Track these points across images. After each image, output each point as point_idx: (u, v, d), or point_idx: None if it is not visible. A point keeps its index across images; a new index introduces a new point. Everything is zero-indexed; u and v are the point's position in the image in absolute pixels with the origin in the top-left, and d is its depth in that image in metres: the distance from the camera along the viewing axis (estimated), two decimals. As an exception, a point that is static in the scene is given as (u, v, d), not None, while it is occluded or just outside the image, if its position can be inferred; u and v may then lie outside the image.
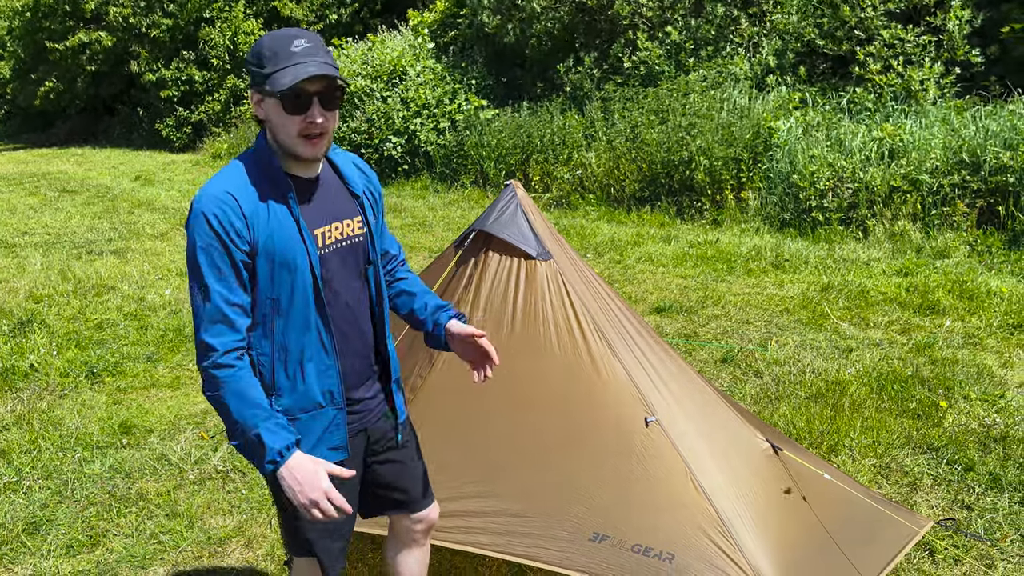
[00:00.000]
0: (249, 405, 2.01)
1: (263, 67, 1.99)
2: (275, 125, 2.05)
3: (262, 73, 2.00)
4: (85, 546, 3.61)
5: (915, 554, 3.34)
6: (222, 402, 2.01)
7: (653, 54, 12.08)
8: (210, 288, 2.00)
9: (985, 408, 4.63)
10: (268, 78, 1.98)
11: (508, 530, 2.85)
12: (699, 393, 3.24)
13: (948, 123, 8.91)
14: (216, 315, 2.00)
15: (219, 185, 2.03)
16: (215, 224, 1.99)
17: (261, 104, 2.05)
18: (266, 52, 1.99)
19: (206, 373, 2.01)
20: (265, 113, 2.05)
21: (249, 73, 2.05)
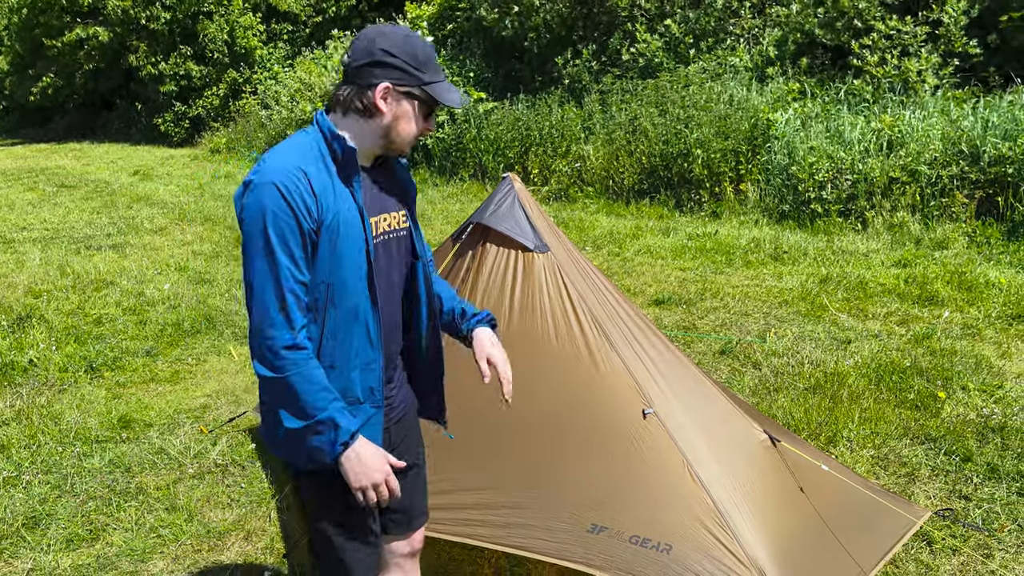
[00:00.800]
0: (320, 388, 1.95)
1: (421, 70, 2.02)
2: (399, 123, 2.05)
3: (419, 76, 2.02)
4: (85, 540, 3.62)
5: (913, 544, 3.35)
6: (289, 383, 1.93)
7: (652, 46, 12.05)
8: (280, 263, 1.91)
9: (983, 398, 4.64)
10: (427, 84, 2.03)
11: (506, 522, 2.86)
12: (697, 385, 3.25)
13: (947, 114, 8.90)
14: (287, 292, 1.92)
15: (288, 159, 1.95)
16: (288, 195, 1.91)
17: (392, 99, 2.03)
18: (420, 56, 2.02)
19: (275, 353, 1.92)
20: (393, 107, 2.03)
21: (389, 66, 2.00)
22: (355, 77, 2.02)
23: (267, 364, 1.93)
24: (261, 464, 4.26)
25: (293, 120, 16.65)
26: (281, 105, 17.53)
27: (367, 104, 2.02)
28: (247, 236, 1.93)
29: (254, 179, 1.93)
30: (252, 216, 1.92)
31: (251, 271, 1.93)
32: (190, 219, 11.21)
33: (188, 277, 8.00)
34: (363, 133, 2.06)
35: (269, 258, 1.91)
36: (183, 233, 10.29)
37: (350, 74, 2.04)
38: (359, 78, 2.02)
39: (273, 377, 1.94)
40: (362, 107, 2.03)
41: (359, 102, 2.03)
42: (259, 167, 1.95)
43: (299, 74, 17.90)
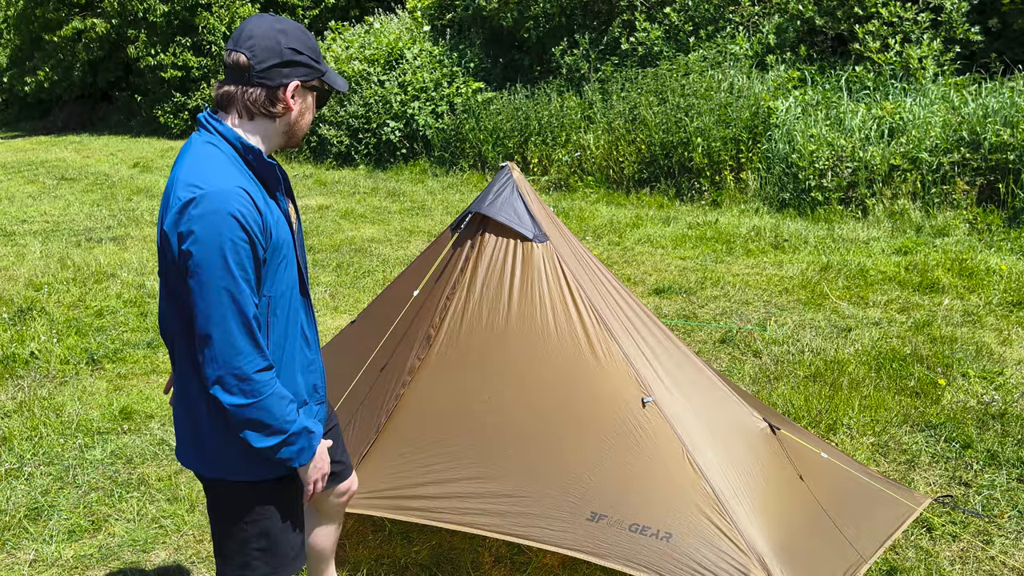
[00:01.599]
0: (288, 402, 1.98)
1: (319, 63, 2.04)
2: (302, 117, 2.06)
3: (319, 68, 2.04)
4: (87, 531, 3.63)
5: (913, 531, 3.36)
6: (264, 407, 1.92)
7: (652, 35, 12.01)
8: (243, 291, 1.87)
9: (984, 385, 4.64)
10: (324, 75, 2.05)
11: (506, 510, 2.86)
12: (696, 373, 3.25)
13: (948, 101, 8.87)
14: (251, 319, 1.89)
15: (228, 180, 1.88)
16: (245, 223, 1.85)
17: (299, 95, 2.02)
18: (316, 48, 2.04)
19: (247, 379, 1.88)
20: (299, 103, 2.03)
21: (297, 64, 1.98)
22: (263, 78, 1.96)
23: (238, 393, 1.89)
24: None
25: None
26: (280, 96, 17.47)
27: (278, 106, 2.00)
28: (200, 264, 1.83)
29: (203, 206, 1.82)
30: (208, 246, 1.82)
31: (208, 301, 1.85)
32: (190, 211, 11.19)
33: (188, 269, 7.99)
34: (269, 134, 2.04)
35: (231, 287, 1.85)
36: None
37: (255, 75, 1.95)
38: (268, 79, 1.96)
39: (246, 403, 1.90)
40: (270, 109, 1.99)
41: (269, 104, 1.99)
42: (201, 190, 1.84)
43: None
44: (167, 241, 1.88)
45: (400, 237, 9.13)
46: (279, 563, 2.20)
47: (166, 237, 1.88)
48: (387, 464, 3.03)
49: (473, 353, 3.05)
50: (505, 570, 3.25)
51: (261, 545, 2.16)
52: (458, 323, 3.09)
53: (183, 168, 1.92)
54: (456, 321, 3.10)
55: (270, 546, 2.17)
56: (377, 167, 14.54)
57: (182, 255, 1.84)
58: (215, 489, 2.15)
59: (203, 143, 1.96)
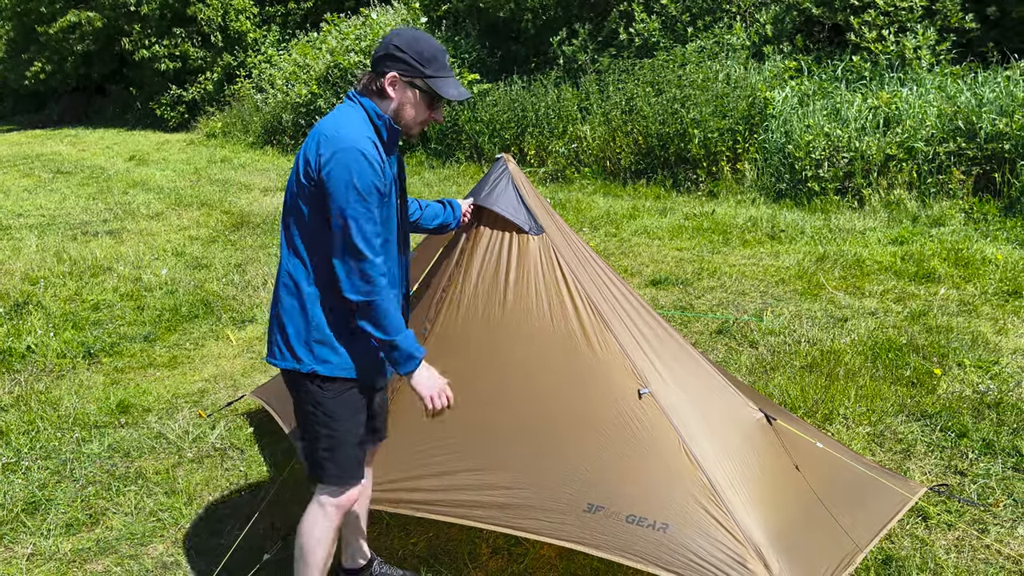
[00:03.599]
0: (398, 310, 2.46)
1: (424, 65, 2.43)
2: (404, 108, 2.48)
3: (422, 70, 2.43)
4: (84, 524, 3.64)
5: (908, 520, 3.37)
6: (382, 305, 2.39)
7: (650, 26, 11.98)
8: (372, 211, 2.35)
9: (979, 375, 4.65)
10: (430, 79, 2.45)
11: (503, 502, 2.87)
12: (692, 364, 3.25)
13: (944, 90, 8.87)
14: (374, 235, 2.37)
15: (359, 130, 2.38)
16: (370, 159, 2.33)
17: (399, 87, 2.46)
18: (426, 53, 2.43)
19: (371, 280, 2.36)
20: (399, 95, 2.47)
21: (397, 59, 2.42)
22: (374, 65, 2.48)
23: (364, 292, 2.37)
24: (259, 447, 4.27)
25: (288, 103, 16.56)
26: (276, 88, 17.43)
27: (379, 87, 2.47)
28: (338, 185, 2.31)
29: (338, 145, 2.32)
30: (342, 174, 2.31)
31: (344, 217, 2.32)
32: (186, 204, 11.18)
33: (185, 262, 7.99)
34: (385, 111, 2.49)
35: (362, 207, 2.32)
36: (180, 218, 10.26)
37: (372, 63, 2.49)
38: (376, 66, 2.47)
39: (368, 301, 2.37)
40: (376, 90, 2.47)
41: (374, 85, 2.47)
42: (336, 135, 2.35)
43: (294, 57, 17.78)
44: (306, 172, 2.37)
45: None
46: (342, 468, 2.60)
47: (306, 168, 2.37)
48: (385, 457, 3.04)
49: (469, 345, 3.05)
50: (502, 562, 3.26)
51: (327, 445, 2.57)
52: (454, 315, 3.09)
53: (328, 120, 2.43)
54: (452, 313, 3.10)
55: (334, 446, 2.57)
56: (373, 159, 14.49)
57: (319, 181, 2.34)
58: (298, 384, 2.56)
59: (345, 106, 2.50)
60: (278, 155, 16.08)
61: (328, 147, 2.34)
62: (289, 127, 16.43)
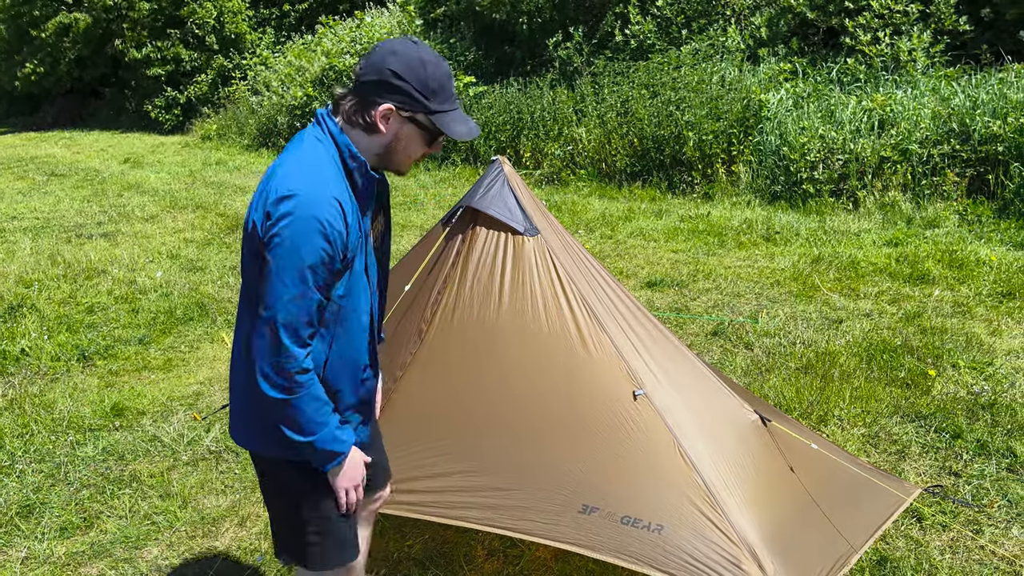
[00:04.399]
0: (323, 404, 2.03)
1: (428, 98, 1.97)
2: (397, 145, 2.04)
3: (425, 104, 1.98)
4: (79, 528, 3.63)
5: (903, 521, 3.38)
6: (298, 405, 1.97)
7: (645, 28, 11.99)
8: (312, 296, 1.92)
9: (973, 376, 4.66)
10: (434, 114, 1.99)
11: (498, 504, 2.87)
12: (687, 366, 3.26)
13: (938, 92, 8.89)
14: (307, 320, 1.94)
15: (324, 188, 1.92)
16: (329, 234, 1.89)
17: (395, 120, 2.00)
18: (431, 84, 1.97)
19: (289, 377, 1.94)
20: (393, 130, 2.01)
21: (395, 88, 1.96)
22: (360, 91, 1.99)
23: (279, 388, 1.95)
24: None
25: (283, 106, 16.55)
26: (272, 91, 17.42)
27: (368, 121, 2.00)
28: (279, 260, 1.88)
29: (294, 208, 1.87)
30: (291, 246, 1.87)
31: (275, 296, 1.90)
32: (181, 207, 11.16)
33: (180, 265, 7.98)
34: (363, 146, 2.04)
35: (300, 288, 1.90)
36: (175, 221, 10.25)
37: (357, 87, 2.00)
38: (364, 93, 1.98)
39: (281, 399, 1.96)
40: (363, 123, 2.00)
41: (361, 118, 2.00)
42: (295, 190, 1.88)
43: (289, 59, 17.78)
44: (254, 225, 1.93)
45: (392, 231, 9.11)
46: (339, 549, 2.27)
47: (254, 222, 1.93)
48: (379, 459, 3.03)
49: (464, 347, 3.05)
50: (498, 563, 3.25)
51: (316, 529, 2.21)
52: (449, 317, 3.09)
53: (287, 162, 1.96)
54: (447, 315, 3.10)
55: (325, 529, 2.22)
56: (369, 162, 14.50)
57: (263, 243, 1.90)
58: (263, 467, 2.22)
59: (313, 139, 2.01)
60: (273, 157, 16.04)
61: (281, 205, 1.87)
62: (284, 129, 16.42)
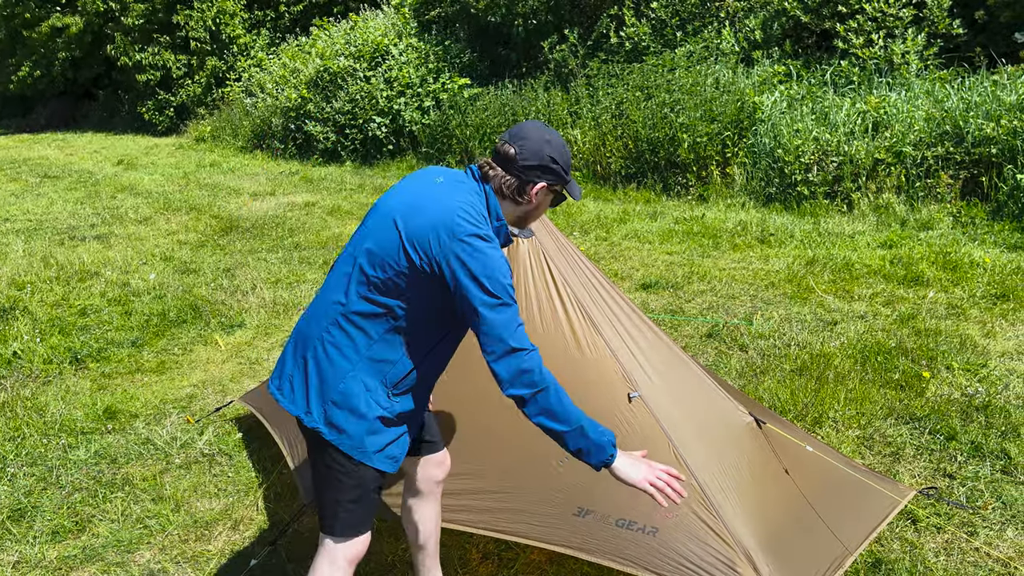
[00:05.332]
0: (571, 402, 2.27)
1: (567, 174, 2.42)
2: (537, 210, 2.45)
3: (566, 179, 2.42)
4: (71, 532, 3.60)
5: (898, 523, 3.37)
6: (566, 405, 2.23)
7: (640, 30, 12.01)
8: (515, 307, 2.23)
9: (967, 378, 4.67)
10: (568, 184, 2.45)
11: (493, 507, 2.86)
12: (682, 368, 3.25)
13: (932, 95, 8.91)
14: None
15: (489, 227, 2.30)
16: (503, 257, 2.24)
17: (542, 193, 2.40)
18: (568, 160, 2.42)
19: (543, 376, 2.21)
20: (541, 200, 2.42)
21: (551, 171, 2.37)
22: (521, 173, 2.35)
23: (541, 388, 2.21)
24: (248, 453, 4.25)
25: (278, 108, 16.52)
26: (266, 93, 17.40)
27: (524, 197, 2.38)
28: (491, 274, 2.18)
29: (478, 228, 2.21)
30: (494, 258, 2.19)
31: (498, 306, 2.18)
32: (175, 209, 11.13)
33: (173, 267, 7.95)
34: (507, 212, 2.43)
35: (512, 295, 2.21)
36: (168, 223, 10.22)
37: (517, 168, 2.34)
38: (525, 175, 2.35)
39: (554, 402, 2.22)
40: (518, 198, 2.38)
41: (517, 195, 2.38)
42: (476, 223, 2.22)
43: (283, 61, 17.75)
44: (427, 249, 2.21)
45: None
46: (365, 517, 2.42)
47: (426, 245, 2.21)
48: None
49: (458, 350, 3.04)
50: (492, 567, 3.24)
51: (354, 496, 2.37)
52: (443, 319, 3.08)
53: (461, 203, 2.26)
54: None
55: (362, 496, 2.38)
56: (363, 163, 14.49)
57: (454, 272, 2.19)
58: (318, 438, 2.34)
59: (472, 191, 2.35)
60: (267, 159, 16.04)
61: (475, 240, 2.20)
62: (279, 131, 16.39)
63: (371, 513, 2.44)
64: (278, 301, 6.73)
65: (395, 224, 2.27)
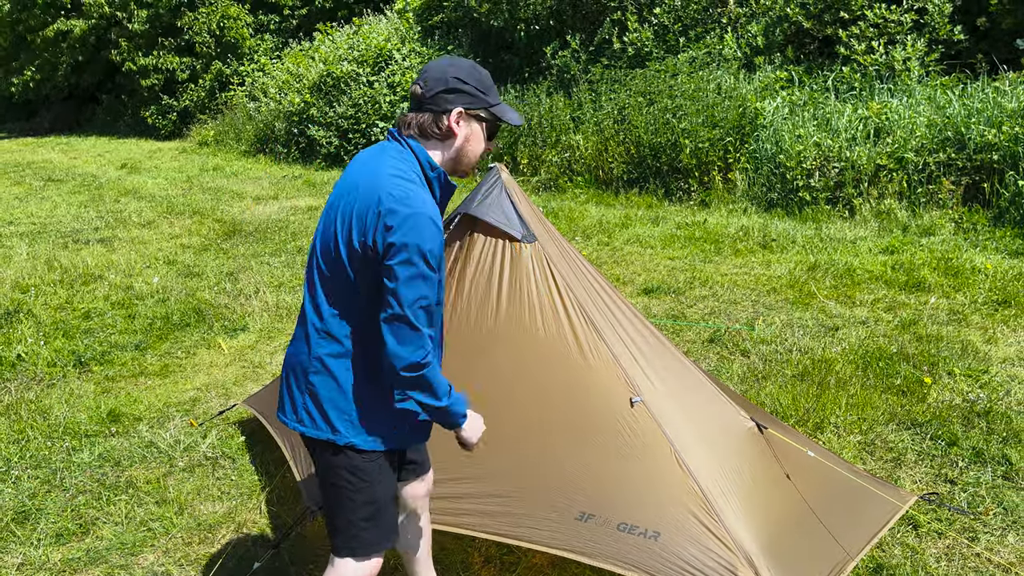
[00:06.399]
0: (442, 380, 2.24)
1: (486, 93, 2.26)
2: (469, 145, 2.28)
3: (486, 99, 2.26)
4: (75, 534, 3.62)
5: (899, 529, 3.38)
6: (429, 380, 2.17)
7: (643, 36, 12.04)
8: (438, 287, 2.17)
9: (969, 383, 4.68)
10: (494, 106, 2.28)
11: (495, 511, 2.87)
12: (684, 373, 3.26)
13: (933, 101, 8.93)
14: (436, 301, 2.17)
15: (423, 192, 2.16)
16: (439, 228, 2.12)
17: (464, 121, 2.25)
18: (486, 81, 2.27)
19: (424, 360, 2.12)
20: (464, 131, 2.26)
21: (461, 92, 2.22)
22: (431, 104, 2.22)
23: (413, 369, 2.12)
24: (251, 457, 4.26)
25: (281, 112, 16.56)
26: (269, 97, 17.44)
27: (444, 128, 2.23)
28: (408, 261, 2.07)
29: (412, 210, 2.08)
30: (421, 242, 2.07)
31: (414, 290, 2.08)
32: (178, 212, 11.16)
33: (177, 270, 7.97)
34: (438, 157, 2.29)
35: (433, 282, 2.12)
36: (171, 226, 10.24)
37: (426, 101, 2.22)
38: (435, 104, 2.22)
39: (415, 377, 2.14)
40: (439, 132, 2.24)
41: (436, 127, 2.23)
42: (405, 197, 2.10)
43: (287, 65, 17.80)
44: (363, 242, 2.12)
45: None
46: (383, 534, 2.39)
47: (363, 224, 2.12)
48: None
49: (461, 353, 3.06)
50: (494, 570, 3.25)
51: (367, 513, 2.34)
52: (447, 324, 3.09)
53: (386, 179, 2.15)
54: (445, 322, 3.10)
55: (375, 514, 2.35)
56: (366, 168, 14.51)
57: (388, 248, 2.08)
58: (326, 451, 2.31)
59: (396, 154, 2.24)
60: (270, 163, 16.07)
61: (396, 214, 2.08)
62: (282, 135, 16.44)
63: (387, 531, 2.41)
64: (281, 305, 6.75)
65: (335, 215, 2.24)
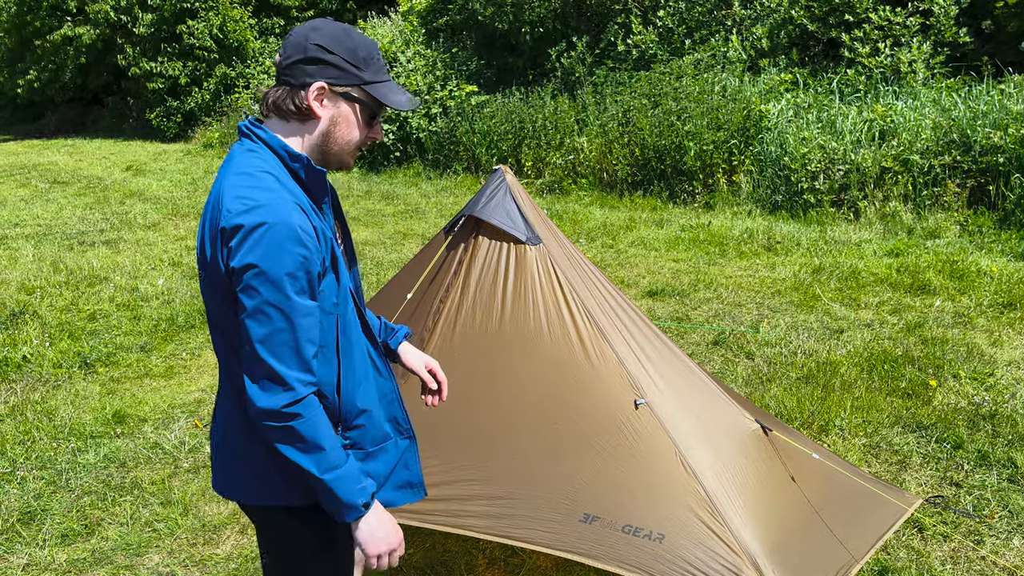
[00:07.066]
0: (333, 445, 1.74)
1: (360, 68, 1.79)
2: (337, 129, 1.82)
3: (358, 74, 1.79)
4: (80, 535, 3.63)
5: (904, 531, 3.38)
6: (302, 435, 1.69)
7: (647, 38, 12.05)
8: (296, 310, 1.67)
9: (974, 386, 4.67)
10: (367, 84, 1.81)
11: (499, 512, 2.87)
12: (689, 375, 3.26)
13: (939, 103, 8.92)
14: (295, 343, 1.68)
15: (281, 193, 1.70)
16: (305, 239, 1.67)
17: (330, 101, 1.80)
18: (361, 52, 1.79)
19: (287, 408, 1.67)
20: (330, 112, 1.81)
21: (324, 62, 1.76)
22: (289, 76, 1.78)
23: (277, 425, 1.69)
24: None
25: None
26: (274, 99, 17.46)
27: (300, 106, 1.78)
28: (250, 288, 1.65)
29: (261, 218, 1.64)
30: (268, 261, 1.64)
31: (261, 323, 1.66)
32: (183, 214, 11.18)
33: (182, 272, 7.99)
34: (300, 144, 1.83)
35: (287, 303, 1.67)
36: (177, 228, 10.26)
37: (282, 72, 1.79)
38: (291, 77, 1.77)
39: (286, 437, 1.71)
40: (295, 110, 1.78)
41: (292, 103, 1.78)
42: (248, 208, 1.66)
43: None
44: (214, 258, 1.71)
45: (394, 240, 9.13)
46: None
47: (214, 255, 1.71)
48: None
49: (466, 356, 3.06)
50: (499, 572, 3.25)
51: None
52: (451, 326, 3.10)
53: (229, 181, 1.73)
54: (449, 324, 3.11)
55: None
56: (371, 170, 14.54)
57: (233, 271, 1.66)
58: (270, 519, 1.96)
59: (244, 153, 1.79)
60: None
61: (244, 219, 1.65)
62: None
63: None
64: (286, 307, 6.76)
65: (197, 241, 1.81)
